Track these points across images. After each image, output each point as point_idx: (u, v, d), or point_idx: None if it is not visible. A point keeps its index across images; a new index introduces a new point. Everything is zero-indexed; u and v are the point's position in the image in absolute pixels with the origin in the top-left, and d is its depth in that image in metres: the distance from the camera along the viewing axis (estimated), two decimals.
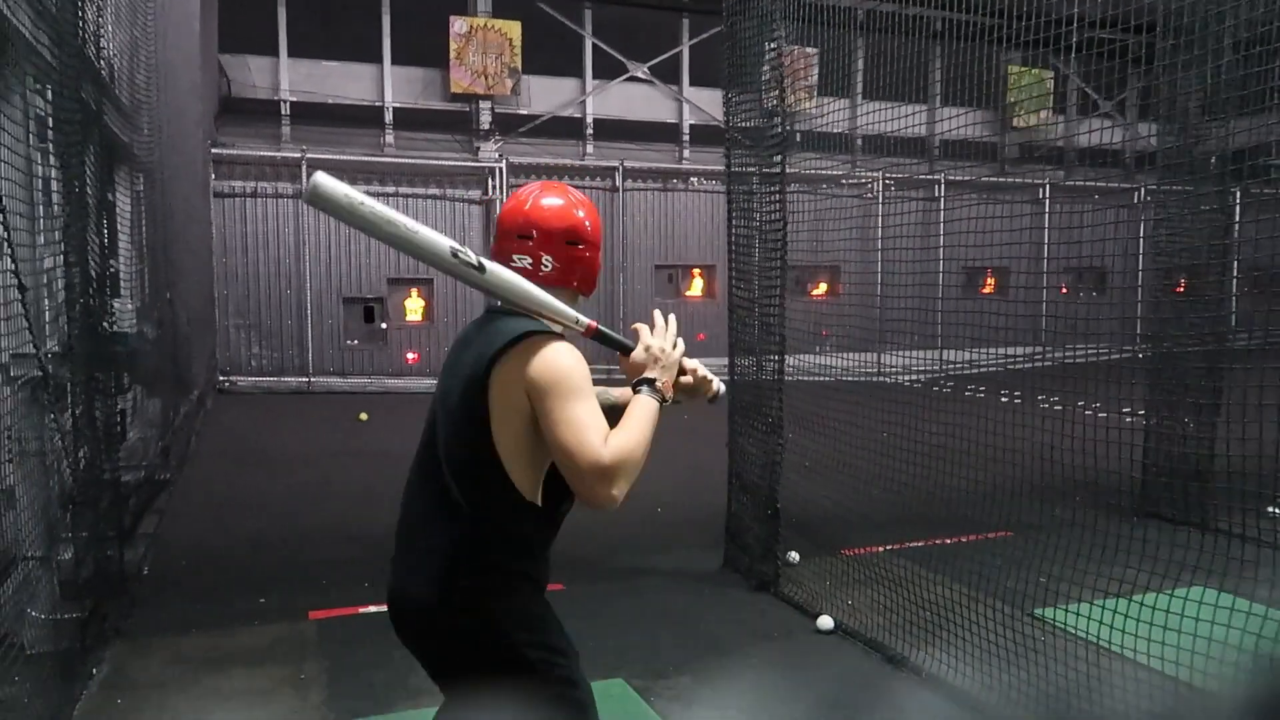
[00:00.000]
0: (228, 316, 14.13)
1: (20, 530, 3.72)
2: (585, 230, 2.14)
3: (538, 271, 2.09)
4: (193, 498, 7.49)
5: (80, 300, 4.16)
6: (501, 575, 2.00)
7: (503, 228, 2.15)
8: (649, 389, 2.05)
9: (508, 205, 2.17)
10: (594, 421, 1.90)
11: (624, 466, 1.86)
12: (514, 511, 2.00)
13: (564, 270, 2.11)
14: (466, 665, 2.02)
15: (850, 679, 4.19)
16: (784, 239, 5.18)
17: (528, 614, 2.03)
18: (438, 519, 2.03)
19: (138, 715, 3.82)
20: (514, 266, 2.08)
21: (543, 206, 2.12)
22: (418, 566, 2.05)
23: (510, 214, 2.14)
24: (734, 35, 5.54)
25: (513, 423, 1.97)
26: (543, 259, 2.09)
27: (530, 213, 2.11)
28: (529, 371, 1.94)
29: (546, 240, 2.10)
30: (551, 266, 2.10)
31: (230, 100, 14.45)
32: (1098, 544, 3.72)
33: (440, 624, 2.01)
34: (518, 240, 2.10)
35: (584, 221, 2.14)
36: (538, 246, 2.09)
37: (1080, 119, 17.50)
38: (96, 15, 5.04)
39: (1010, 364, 6.20)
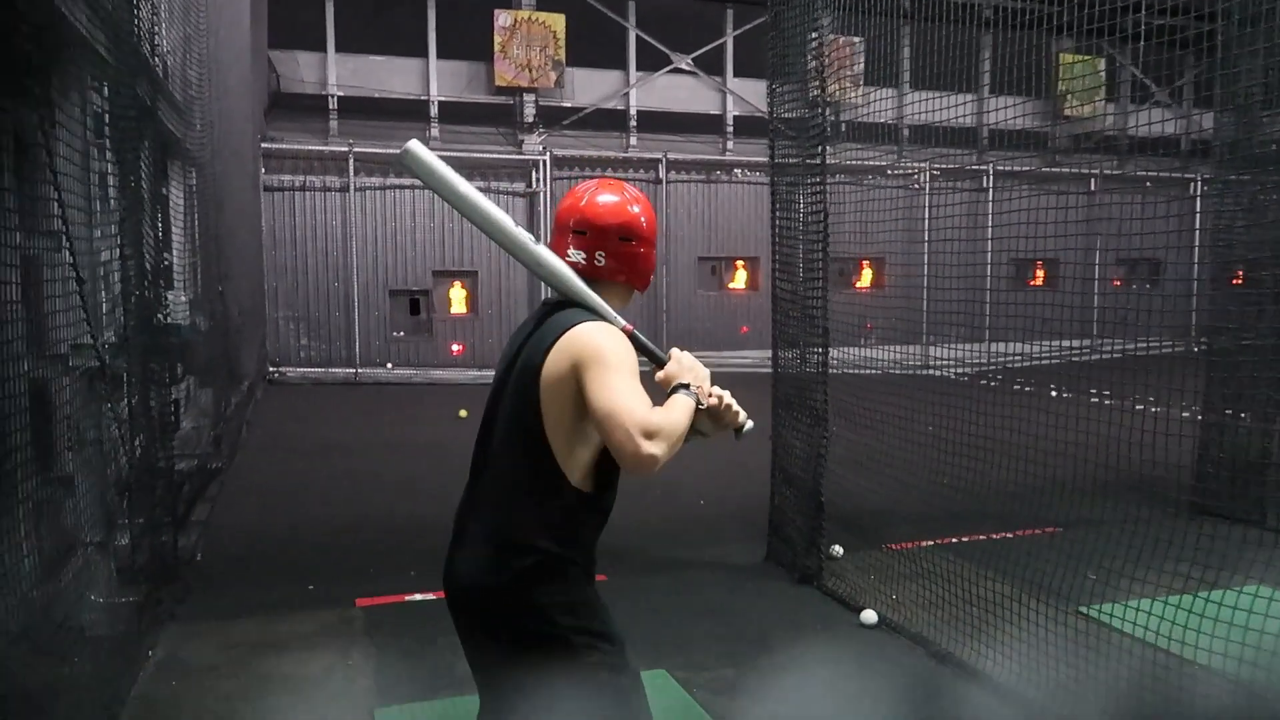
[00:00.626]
0: (277, 309, 14.38)
1: (79, 517, 3.83)
2: (639, 227, 2.18)
3: (592, 265, 2.14)
4: (243, 486, 7.64)
5: (136, 292, 4.26)
6: (551, 561, 2.03)
7: (559, 222, 2.21)
8: (685, 391, 2.04)
9: (565, 201, 2.23)
10: (638, 390, 1.93)
11: (664, 430, 1.86)
12: (563, 498, 2.04)
13: (617, 266, 2.17)
14: (513, 649, 2.05)
15: (894, 674, 4.16)
16: (826, 230, 5.13)
17: (575, 600, 2.06)
18: (491, 504, 2.10)
19: (191, 698, 3.91)
20: (569, 261, 2.15)
21: (597, 203, 2.17)
22: (472, 550, 2.10)
23: (566, 209, 2.20)
24: (778, 25, 5.50)
25: (564, 409, 2.01)
26: (596, 254, 2.15)
27: (585, 209, 2.17)
28: (576, 348, 1.99)
29: (600, 236, 2.15)
30: (605, 262, 2.15)
31: (280, 95, 14.68)
32: (1150, 540, 3.65)
33: (491, 607, 2.06)
34: (573, 235, 2.16)
35: (638, 218, 2.18)
36: (591, 242, 2.15)
37: (1135, 107, 17.11)
38: (151, 14, 5.15)
39: (1061, 357, 6.10)
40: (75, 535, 3.79)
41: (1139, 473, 3.91)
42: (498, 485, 2.10)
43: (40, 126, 3.13)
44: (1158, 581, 3.52)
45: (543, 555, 2.03)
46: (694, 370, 2.11)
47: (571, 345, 2.01)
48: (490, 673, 2.17)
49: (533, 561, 2.02)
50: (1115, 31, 3.80)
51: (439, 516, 2.18)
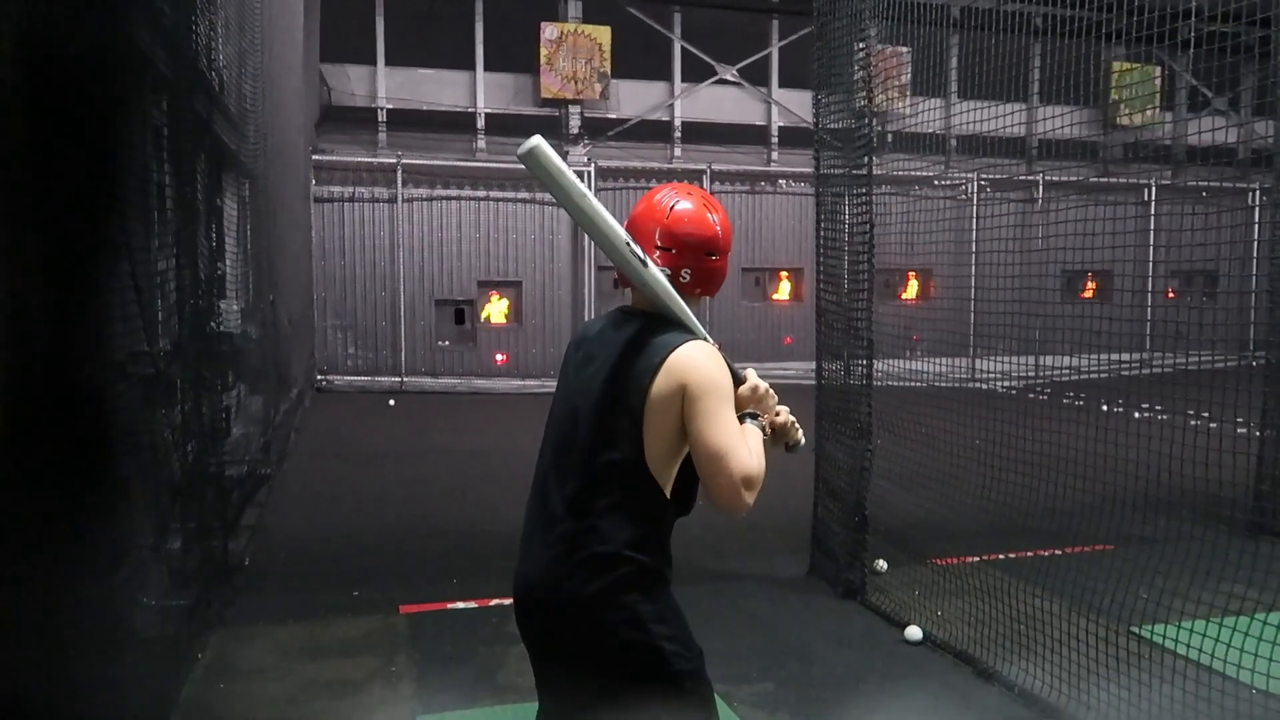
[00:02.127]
0: (326, 318, 14.60)
1: (133, 520, 3.91)
2: (720, 241, 2.21)
3: (676, 280, 2.16)
4: (291, 492, 7.76)
5: (190, 301, 4.36)
6: (641, 569, 2.07)
7: (640, 229, 2.19)
8: (753, 420, 2.16)
9: (642, 207, 2.22)
10: (739, 432, 2.05)
11: (758, 478, 2.03)
12: (655, 509, 2.10)
13: (699, 280, 2.20)
14: (599, 657, 2.08)
15: (939, 692, 4.09)
16: (871, 241, 5.09)
17: (665, 608, 2.11)
18: (579, 513, 2.09)
19: (238, 701, 3.97)
20: None
21: (682, 218, 2.17)
22: (558, 561, 2.09)
23: (647, 218, 2.19)
24: (824, 35, 5.48)
25: (666, 425, 2.06)
26: (681, 271, 2.17)
27: (671, 225, 2.17)
28: (688, 374, 2.04)
29: (685, 254, 2.17)
30: (689, 278, 2.18)
31: (330, 108, 14.94)
32: (1205, 559, 3.55)
33: (582, 616, 2.07)
34: (658, 250, 2.17)
35: (720, 233, 2.21)
36: (677, 259, 2.16)
37: (1190, 116, 16.76)
38: (208, 29, 5.27)
39: (1113, 371, 5.98)
40: (129, 538, 3.87)
41: (1194, 490, 3.81)
42: (585, 494, 2.09)
43: (104, 142, 3.22)
44: (1212, 602, 3.43)
45: (636, 565, 2.06)
46: (764, 399, 2.20)
47: (683, 369, 2.05)
48: (568, 681, 2.17)
49: (625, 571, 2.05)
50: (1168, 39, 3.73)
51: (483, 524, 2.22)
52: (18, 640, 2.31)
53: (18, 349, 2.41)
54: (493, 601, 5.13)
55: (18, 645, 2.32)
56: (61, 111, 2.74)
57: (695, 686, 2.10)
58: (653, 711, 2.05)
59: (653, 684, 2.07)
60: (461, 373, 15.11)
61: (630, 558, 2.05)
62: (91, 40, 3.01)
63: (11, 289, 2.38)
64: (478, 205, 15.09)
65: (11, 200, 2.40)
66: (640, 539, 2.07)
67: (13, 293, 2.38)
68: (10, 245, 2.38)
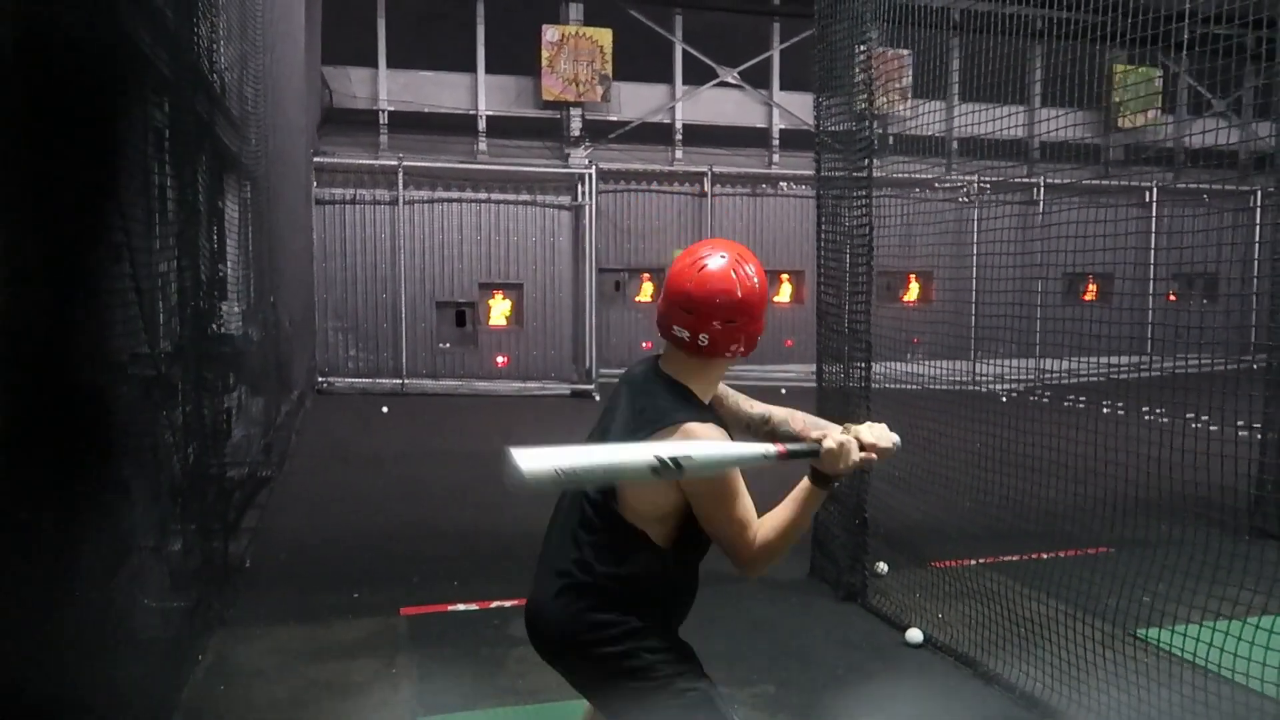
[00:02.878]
0: (327, 319, 14.60)
1: (134, 521, 3.91)
2: (741, 308, 2.16)
3: (696, 343, 2.16)
4: (292, 494, 7.76)
5: (191, 303, 4.36)
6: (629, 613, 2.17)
7: (670, 294, 2.19)
8: (823, 484, 2.19)
9: (678, 267, 2.19)
10: (748, 518, 2.13)
11: (771, 555, 2.14)
12: (643, 553, 2.16)
13: (718, 343, 2.17)
14: (599, 682, 2.22)
15: (940, 694, 4.09)
16: (871, 244, 5.09)
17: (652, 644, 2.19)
18: (572, 547, 2.20)
19: (239, 702, 3.98)
20: (674, 335, 2.18)
21: (704, 282, 2.14)
22: (550, 590, 2.22)
23: (678, 281, 2.17)
24: (825, 38, 5.49)
25: (656, 499, 2.12)
26: (700, 336, 2.15)
27: (692, 290, 2.14)
28: None
29: (704, 317, 2.14)
30: (707, 341, 2.15)
31: (332, 110, 14.96)
32: (1207, 563, 3.55)
33: (570, 647, 2.21)
34: (681, 312, 2.16)
35: (740, 299, 2.16)
36: (696, 323, 2.15)
37: (1191, 118, 16.76)
38: (210, 31, 5.28)
39: (1113, 374, 5.98)
40: (130, 539, 3.87)
41: (1195, 493, 3.81)
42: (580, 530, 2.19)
43: (105, 143, 3.22)
44: (1218, 609, 3.43)
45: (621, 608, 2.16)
46: (844, 458, 2.16)
47: None
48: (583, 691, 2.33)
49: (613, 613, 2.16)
50: (1168, 40, 3.74)
51: (483, 526, 2.25)
52: (19, 641, 2.31)
53: (19, 350, 2.41)
54: (493, 604, 5.13)
55: (19, 646, 2.32)
56: (63, 113, 2.74)
57: (688, 683, 2.17)
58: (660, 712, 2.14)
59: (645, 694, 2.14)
60: (462, 375, 15.12)
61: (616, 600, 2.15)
62: (93, 42, 3.02)
63: (13, 291, 2.38)
64: (479, 207, 15.10)
65: (13, 202, 2.40)
66: (626, 581, 2.15)
67: (14, 294, 2.38)
68: (11, 246, 2.38)
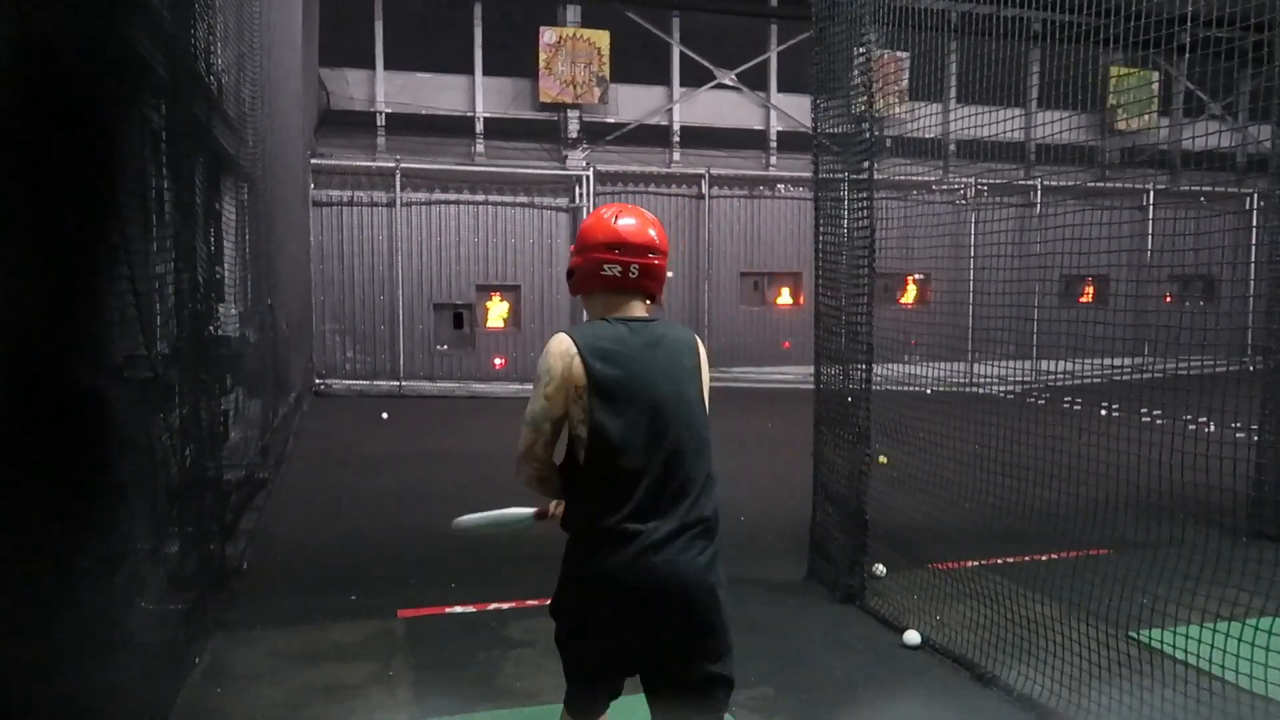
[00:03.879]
0: (324, 321, 14.60)
1: (130, 524, 3.90)
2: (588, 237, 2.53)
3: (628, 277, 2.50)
4: (289, 496, 7.75)
5: (188, 305, 4.35)
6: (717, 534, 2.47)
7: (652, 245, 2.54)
8: None
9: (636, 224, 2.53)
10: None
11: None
12: None
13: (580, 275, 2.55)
14: (718, 620, 2.41)
15: (937, 696, 4.09)
16: (872, 246, 5.10)
17: None
18: (694, 498, 2.39)
19: (236, 705, 3.97)
20: (604, 275, 2.50)
21: (585, 223, 2.56)
22: (690, 546, 2.36)
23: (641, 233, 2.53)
24: (823, 40, 5.49)
25: None
26: (631, 267, 2.50)
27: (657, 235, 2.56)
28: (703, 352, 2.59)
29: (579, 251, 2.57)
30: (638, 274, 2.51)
31: (329, 112, 14.96)
32: (1205, 564, 3.55)
33: (712, 590, 2.38)
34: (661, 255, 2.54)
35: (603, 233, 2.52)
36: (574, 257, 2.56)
37: (1188, 121, 16.79)
38: (207, 33, 5.27)
39: (1111, 375, 5.98)
40: (126, 542, 3.86)
41: (1192, 495, 3.81)
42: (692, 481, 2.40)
43: (102, 146, 3.21)
44: (1216, 610, 3.43)
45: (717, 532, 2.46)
46: None
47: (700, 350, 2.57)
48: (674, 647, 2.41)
49: (717, 539, 2.45)
50: (1166, 44, 3.74)
51: None
52: (15, 644, 2.30)
53: (16, 352, 2.40)
54: (490, 606, 5.12)
55: (15, 649, 2.31)
56: (60, 116, 2.74)
57: None
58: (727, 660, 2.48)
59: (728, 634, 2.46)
60: (460, 377, 15.11)
61: (717, 523, 2.45)
62: (91, 44, 3.01)
63: (9, 292, 2.37)
64: (476, 209, 15.10)
65: (10, 204, 2.39)
66: None
67: (11, 296, 2.38)
68: (9, 249, 2.38)
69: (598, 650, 2.42)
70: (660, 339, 2.47)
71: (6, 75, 2.37)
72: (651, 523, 2.33)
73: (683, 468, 2.38)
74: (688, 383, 2.46)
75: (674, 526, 2.34)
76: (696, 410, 2.46)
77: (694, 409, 2.45)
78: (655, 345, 2.45)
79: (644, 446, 2.35)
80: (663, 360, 2.44)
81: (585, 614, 2.41)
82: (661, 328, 2.49)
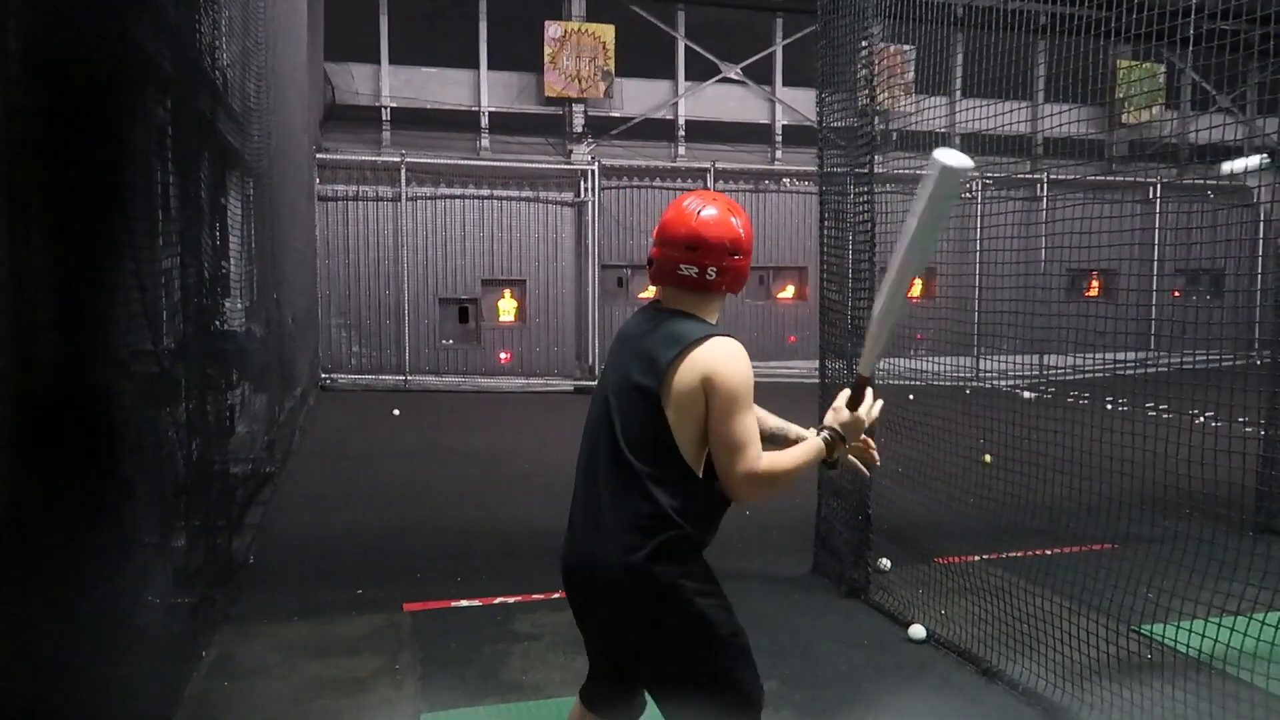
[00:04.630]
0: (330, 316, 14.62)
1: (138, 518, 3.91)
2: (744, 242, 2.40)
3: (704, 277, 2.36)
4: (296, 490, 7.78)
5: (194, 300, 4.36)
6: (680, 537, 2.28)
7: (667, 237, 2.40)
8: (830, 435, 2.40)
9: (674, 215, 2.41)
10: (756, 433, 2.27)
11: (769, 481, 2.25)
12: (687, 484, 2.28)
13: (722, 277, 2.39)
14: (655, 620, 2.30)
15: (942, 691, 4.09)
16: (874, 239, 5.09)
17: (701, 571, 2.34)
18: (624, 494, 2.30)
19: (243, 698, 3.98)
20: (679, 275, 2.37)
21: (707, 220, 2.36)
22: (609, 535, 2.30)
23: (675, 224, 2.39)
24: (828, 34, 5.48)
25: (691, 410, 2.26)
26: (708, 270, 2.36)
27: (698, 228, 2.36)
28: (715, 370, 2.26)
29: (711, 252, 2.36)
30: (715, 276, 2.37)
31: (334, 107, 14.96)
32: (1212, 559, 3.55)
33: (633, 587, 2.27)
34: (686, 251, 2.36)
35: (742, 234, 2.40)
36: (703, 258, 2.36)
37: (1195, 114, 16.71)
38: (212, 28, 5.28)
39: (1117, 370, 5.97)
40: (133, 536, 3.88)
41: (1199, 489, 3.81)
42: (627, 476, 2.29)
43: (107, 141, 3.22)
44: (1222, 605, 3.42)
45: (673, 534, 2.27)
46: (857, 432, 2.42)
47: (707, 362, 2.27)
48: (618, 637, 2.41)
49: (667, 541, 2.26)
50: (1172, 36, 3.72)
51: (486, 522, 2.27)
52: (24, 638, 2.32)
53: (23, 347, 2.41)
54: (496, 600, 5.14)
55: (24, 643, 2.32)
56: (68, 111, 2.75)
57: (736, 641, 2.36)
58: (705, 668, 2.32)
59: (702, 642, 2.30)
60: (465, 371, 15.13)
61: (669, 527, 2.26)
62: (98, 39, 3.02)
63: (16, 287, 2.38)
64: (481, 204, 15.10)
65: (17, 199, 2.40)
66: (676, 511, 2.27)
67: (17, 291, 2.39)
68: (14, 242, 2.39)
69: None
70: (650, 334, 2.37)
71: (17, 70, 2.38)
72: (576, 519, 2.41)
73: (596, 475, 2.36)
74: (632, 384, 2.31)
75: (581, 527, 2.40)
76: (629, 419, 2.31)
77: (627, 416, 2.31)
78: (641, 338, 2.38)
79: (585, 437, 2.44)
80: (632, 354, 2.37)
81: None
82: (672, 324, 2.35)
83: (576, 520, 2.41)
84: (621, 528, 2.28)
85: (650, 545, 2.25)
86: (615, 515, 2.30)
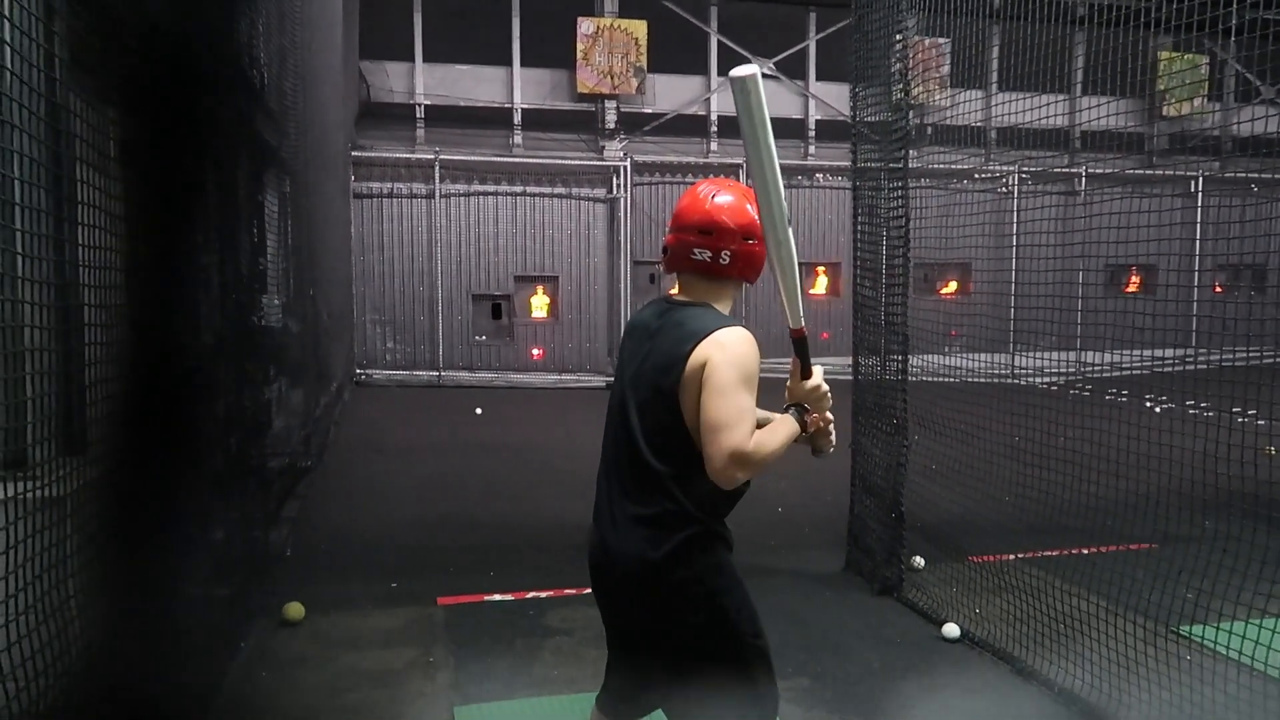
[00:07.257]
0: (365, 313, 14.76)
1: (180, 511, 3.97)
2: (756, 228, 2.35)
3: (718, 262, 2.34)
4: (331, 484, 7.87)
5: (233, 296, 4.43)
6: (702, 534, 2.29)
7: (681, 222, 2.38)
8: (797, 412, 2.34)
9: (684, 201, 2.41)
10: (751, 414, 2.20)
11: (755, 461, 2.17)
12: (705, 479, 2.23)
13: (735, 262, 2.36)
14: (675, 617, 2.30)
15: (976, 690, 4.06)
16: (907, 235, 5.05)
17: (723, 569, 2.35)
18: (643, 491, 2.31)
19: (279, 690, 4.05)
20: (694, 259, 2.35)
21: (721, 205, 2.35)
22: (630, 532, 2.31)
23: (689, 210, 2.38)
24: (862, 28, 5.44)
25: (698, 399, 2.23)
26: (721, 254, 2.34)
27: (711, 212, 2.35)
28: (715, 353, 2.22)
29: (724, 237, 2.34)
30: (729, 261, 2.35)
31: (369, 105, 15.08)
32: (1253, 559, 3.48)
33: (655, 581, 2.28)
34: (700, 236, 2.35)
35: (756, 220, 2.34)
36: (716, 242, 2.34)
37: (1239, 105, 16.38)
38: (250, 28, 5.34)
39: (1157, 367, 5.88)
40: (178, 529, 3.94)
41: (1241, 488, 3.74)
42: (645, 471, 2.30)
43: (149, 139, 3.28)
44: (1264, 606, 3.36)
45: (696, 529, 2.28)
46: (820, 400, 2.36)
47: (710, 347, 2.23)
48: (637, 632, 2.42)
49: (689, 535, 2.27)
50: (1215, 26, 3.66)
51: (519, 517, 2.30)
52: (74, 631, 2.37)
53: (76, 341, 2.47)
54: (529, 594, 5.17)
55: (69, 634, 2.38)
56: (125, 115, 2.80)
57: (756, 641, 2.35)
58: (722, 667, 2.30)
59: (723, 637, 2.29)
60: (498, 367, 15.21)
61: (690, 522, 2.26)
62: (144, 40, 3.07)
63: (73, 282, 2.44)
64: (514, 200, 15.16)
65: (71, 198, 2.46)
66: (695, 505, 2.26)
67: (68, 286, 2.44)
68: (64, 242, 2.44)
69: None
70: (663, 328, 2.35)
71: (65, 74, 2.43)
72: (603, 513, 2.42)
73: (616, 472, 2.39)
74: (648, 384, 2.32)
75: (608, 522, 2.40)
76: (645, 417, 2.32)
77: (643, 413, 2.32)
78: (653, 334, 2.37)
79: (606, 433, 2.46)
80: (646, 350, 2.36)
81: None
82: (684, 318, 2.33)
83: (600, 516, 2.43)
84: (642, 525, 2.29)
85: (671, 543, 2.25)
86: (635, 512, 2.31)
